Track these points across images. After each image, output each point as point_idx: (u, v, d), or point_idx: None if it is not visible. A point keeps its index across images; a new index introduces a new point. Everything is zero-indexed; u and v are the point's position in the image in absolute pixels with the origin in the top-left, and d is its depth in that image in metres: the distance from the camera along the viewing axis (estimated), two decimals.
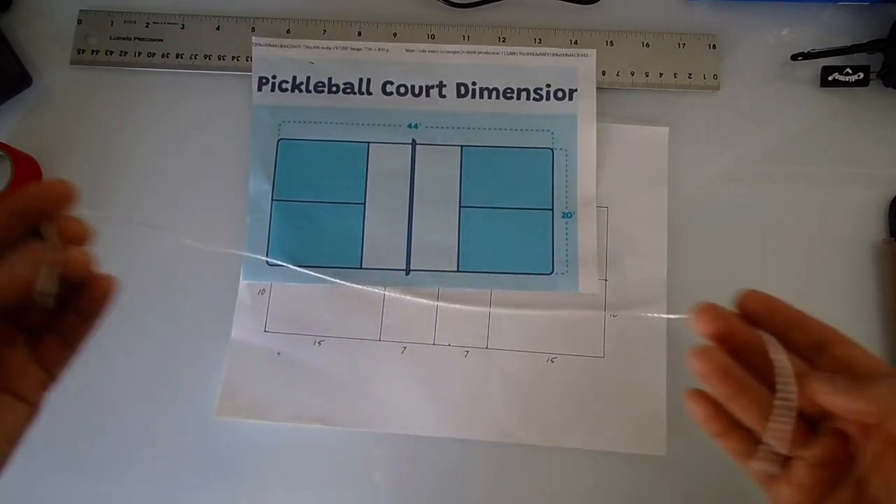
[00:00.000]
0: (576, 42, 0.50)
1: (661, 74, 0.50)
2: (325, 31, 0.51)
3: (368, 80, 0.50)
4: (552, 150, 0.48)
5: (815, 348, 0.30)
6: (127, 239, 0.49)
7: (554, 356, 0.46)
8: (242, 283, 0.47)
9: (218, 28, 0.52)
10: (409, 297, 0.46)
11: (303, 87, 0.50)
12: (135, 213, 0.49)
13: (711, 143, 0.49)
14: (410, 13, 0.52)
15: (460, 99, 0.50)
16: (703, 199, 0.48)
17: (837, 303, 0.47)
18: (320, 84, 0.50)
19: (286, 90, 0.50)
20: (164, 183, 0.50)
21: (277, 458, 0.45)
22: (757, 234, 0.48)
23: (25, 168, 0.48)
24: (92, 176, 0.50)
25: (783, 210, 0.48)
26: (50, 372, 0.30)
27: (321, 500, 0.44)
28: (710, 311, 0.31)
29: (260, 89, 0.50)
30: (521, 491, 0.45)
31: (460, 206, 0.48)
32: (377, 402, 0.45)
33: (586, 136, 0.48)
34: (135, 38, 0.52)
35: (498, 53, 0.50)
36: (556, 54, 0.50)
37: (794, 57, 0.49)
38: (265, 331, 0.47)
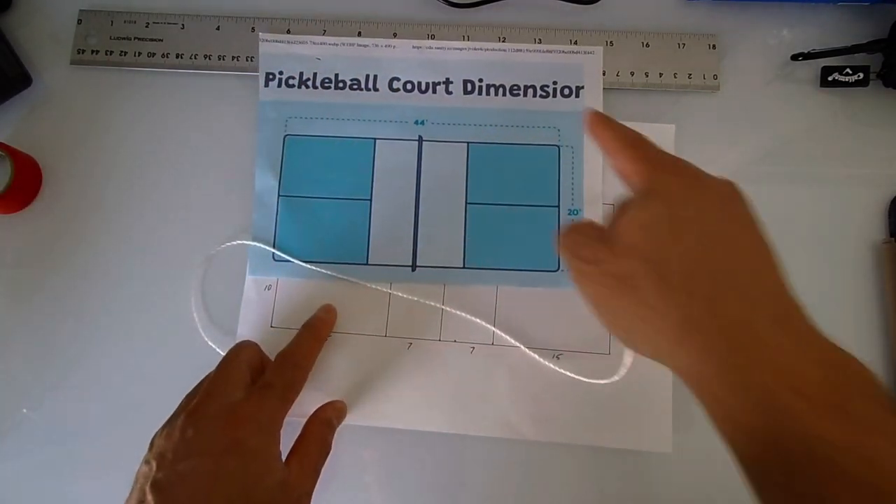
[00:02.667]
0: (575, 42, 0.50)
1: (661, 75, 0.50)
2: (325, 30, 0.51)
3: (375, 77, 0.50)
4: (558, 146, 0.48)
5: None
6: (130, 236, 0.49)
7: (560, 352, 0.46)
8: (248, 278, 0.47)
9: (218, 28, 0.52)
10: (414, 298, 0.46)
11: (309, 83, 0.50)
12: (135, 213, 0.49)
13: (711, 144, 0.49)
14: (410, 13, 0.52)
15: (467, 95, 0.50)
16: None
17: (837, 303, 0.47)
18: (327, 80, 0.50)
19: (293, 86, 0.50)
20: (164, 183, 0.50)
21: (283, 453, 0.45)
22: None
23: (25, 168, 0.48)
24: (91, 176, 0.50)
25: (783, 210, 0.48)
26: None
27: (326, 494, 0.44)
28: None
29: (266, 85, 0.50)
30: (526, 487, 0.45)
31: (466, 203, 0.48)
32: (383, 397, 0.45)
33: None
34: (135, 38, 0.52)
35: (504, 51, 0.50)
36: (563, 51, 0.50)
37: (794, 57, 0.49)
38: (271, 326, 0.46)
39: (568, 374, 0.44)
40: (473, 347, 0.46)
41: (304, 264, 0.47)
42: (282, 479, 0.37)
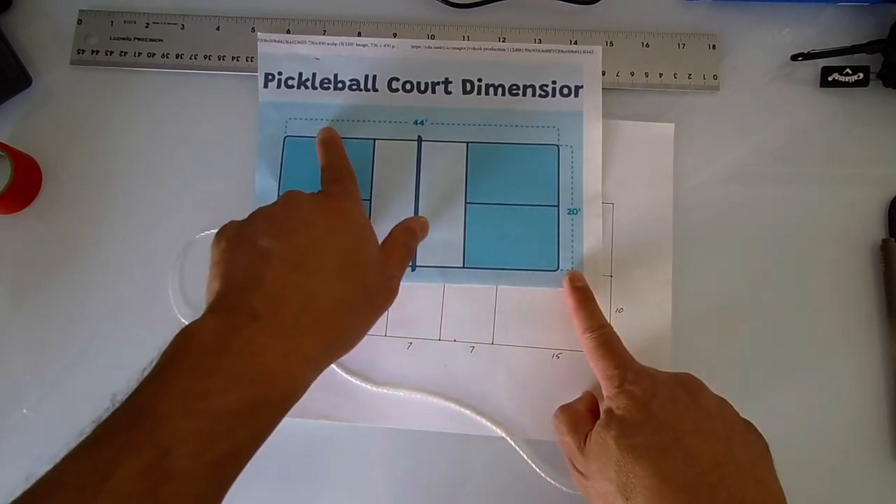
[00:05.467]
0: (575, 42, 0.50)
1: (660, 75, 0.50)
2: (324, 31, 0.51)
3: (374, 77, 0.50)
4: (558, 146, 0.48)
5: None
6: (130, 236, 0.49)
7: (559, 352, 0.46)
8: None
9: (218, 28, 0.52)
10: (414, 296, 0.46)
11: (308, 84, 0.50)
12: (135, 213, 0.49)
13: (711, 144, 0.49)
14: (410, 13, 0.52)
15: (466, 95, 0.49)
16: (703, 199, 0.48)
17: (837, 303, 0.47)
18: (326, 80, 0.50)
19: (292, 87, 0.50)
20: (164, 183, 0.50)
21: (282, 454, 0.45)
22: (757, 233, 0.48)
23: (25, 168, 0.48)
24: (92, 176, 0.50)
25: (783, 210, 0.48)
26: None
27: (325, 494, 0.44)
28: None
29: (266, 86, 0.50)
30: (526, 486, 0.45)
31: (466, 203, 0.48)
32: (382, 397, 0.45)
33: (592, 132, 0.48)
34: (135, 38, 0.51)
35: (504, 50, 0.50)
36: (562, 51, 0.50)
37: (794, 57, 0.49)
38: None
39: (549, 480, 0.44)
40: (473, 347, 0.46)
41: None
42: (379, 250, 0.39)
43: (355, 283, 0.36)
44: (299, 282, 0.34)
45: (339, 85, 0.50)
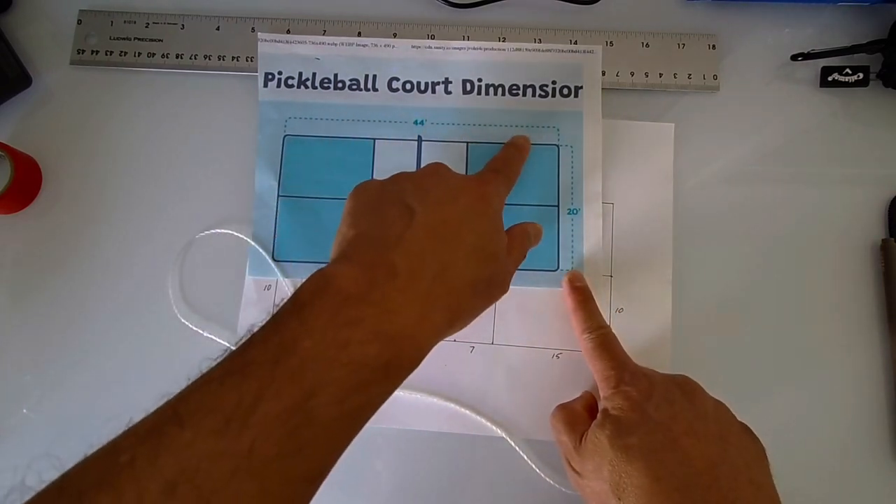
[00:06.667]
0: (575, 42, 0.50)
1: (660, 75, 0.50)
2: (324, 31, 0.51)
3: (374, 77, 0.50)
4: (558, 146, 0.48)
5: None
6: (130, 236, 0.49)
7: (559, 352, 0.46)
8: (248, 278, 0.47)
9: (218, 28, 0.52)
10: None
11: (309, 84, 0.50)
12: (135, 213, 0.49)
13: (711, 144, 0.49)
14: (410, 13, 0.52)
15: (466, 95, 0.49)
16: (702, 199, 0.48)
17: (837, 303, 0.47)
18: (326, 80, 0.50)
19: (292, 86, 0.50)
20: (164, 183, 0.50)
21: None
22: (757, 233, 0.48)
23: (25, 168, 0.48)
24: (91, 176, 0.50)
25: (783, 210, 0.48)
26: None
27: (324, 494, 0.44)
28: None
29: (266, 85, 0.50)
30: (526, 486, 0.45)
31: None
32: None
33: (592, 132, 0.48)
34: (135, 38, 0.51)
35: (504, 50, 0.50)
36: (562, 51, 0.50)
37: (794, 57, 0.49)
38: None
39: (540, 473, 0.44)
40: (473, 347, 0.46)
41: (303, 264, 0.47)
42: (505, 245, 0.39)
43: (483, 268, 0.36)
44: (437, 250, 0.34)
45: (339, 85, 0.50)
